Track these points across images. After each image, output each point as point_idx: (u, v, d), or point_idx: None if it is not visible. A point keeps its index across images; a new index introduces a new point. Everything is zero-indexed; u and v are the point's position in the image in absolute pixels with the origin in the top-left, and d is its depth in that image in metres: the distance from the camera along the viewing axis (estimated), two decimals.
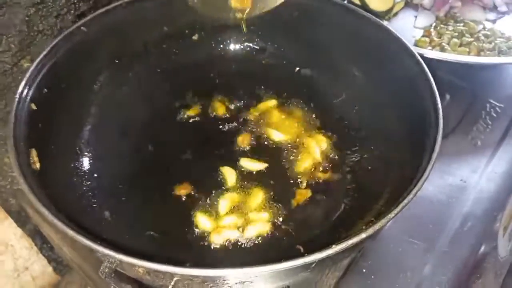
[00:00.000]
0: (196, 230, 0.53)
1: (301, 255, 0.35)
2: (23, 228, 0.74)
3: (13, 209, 0.71)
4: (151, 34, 0.67)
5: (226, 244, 0.52)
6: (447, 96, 0.76)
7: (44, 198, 0.40)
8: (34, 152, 0.47)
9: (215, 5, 0.59)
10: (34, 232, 0.76)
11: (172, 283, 0.36)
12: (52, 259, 0.83)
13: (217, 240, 0.52)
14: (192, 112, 0.66)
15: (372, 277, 0.55)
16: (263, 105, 0.67)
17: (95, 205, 0.54)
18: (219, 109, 0.67)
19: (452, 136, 0.71)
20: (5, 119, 0.62)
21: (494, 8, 0.89)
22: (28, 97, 0.50)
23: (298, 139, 0.63)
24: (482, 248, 0.61)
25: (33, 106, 0.50)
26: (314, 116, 0.65)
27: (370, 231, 0.37)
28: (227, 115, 0.66)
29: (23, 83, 0.50)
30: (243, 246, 0.52)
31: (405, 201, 0.39)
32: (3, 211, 0.70)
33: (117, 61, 0.64)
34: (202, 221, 0.53)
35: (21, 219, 0.73)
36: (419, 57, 0.54)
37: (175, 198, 0.56)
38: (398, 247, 0.57)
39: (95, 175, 0.57)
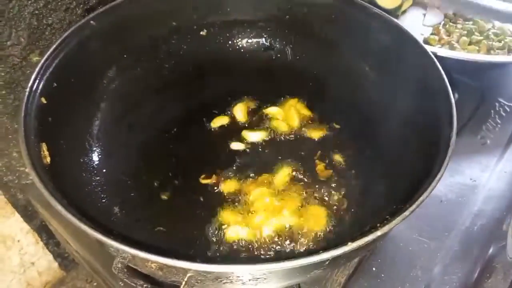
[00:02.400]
0: (206, 226, 0.53)
1: (316, 252, 0.35)
2: (30, 224, 0.74)
3: (20, 204, 0.71)
4: (160, 29, 0.67)
5: (237, 241, 0.52)
6: (456, 95, 0.74)
7: (56, 192, 0.40)
8: (44, 146, 0.47)
9: None
10: (41, 227, 0.76)
11: (186, 279, 0.36)
12: (57, 255, 0.83)
13: (231, 235, 0.52)
14: (201, 108, 0.66)
15: (382, 275, 0.54)
16: (273, 104, 0.67)
17: (104, 200, 0.53)
18: (228, 105, 0.67)
19: (461, 135, 0.70)
20: (14, 113, 0.62)
21: None
22: (38, 91, 0.49)
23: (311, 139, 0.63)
24: (492, 248, 0.61)
25: (43, 100, 0.49)
26: (322, 113, 0.65)
27: (386, 228, 0.37)
28: (237, 113, 0.66)
29: (33, 77, 0.49)
30: (256, 243, 0.52)
31: (420, 199, 0.39)
32: (10, 206, 0.70)
33: (125, 55, 0.64)
34: (227, 216, 0.54)
35: (28, 214, 0.73)
36: (431, 54, 0.54)
37: (184, 193, 0.56)
38: (408, 246, 0.57)
39: (104, 170, 0.56)
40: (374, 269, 0.55)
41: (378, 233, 0.36)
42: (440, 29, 0.84)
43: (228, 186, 0.57)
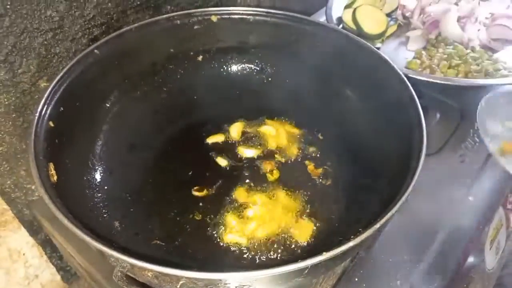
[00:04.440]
0: (200, 236, 0.57)
1: (295, 261, 0.39)
2: (35, 238, 0.77)
3: (27, 219, 0.75)
4: (159, 56, 0.72)
5: (231, 248, 0.56)
6: (437, 115, 0.80)
7: (62, 207, 0.44)
8: (51, 166, 0.51)
9: None
10: (45, 241, 0.79)
11: (178, 286, 0.40)
12: (60, 268, 0.86)
13: (228, 240, 0.57)
14: (197, 128, 0.72)
15: (364, 285, 0.58)
16: (264, 123, 0.73)
17: (105, 215, 0.57)
18: (223, 125, 0.72)
19: (441, 153, 0.74)
20: (22, 135, 0.66)
21: None
22: (47, 115, 0.54)
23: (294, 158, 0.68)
24: (470, 260, 0.64)
25: (51, 124, 0.54)
26: (308, 133, 0.71)
27: (358, 240, 0.41)
28: (232, 131, 0.71)
29: (42, 102, 0.54)
30: (241, 252, 0.56)
31: (389, 214, 0.43)
32: (17, 221, 0.73)
33: (126, 80, 0.69)
34: (231, 221, 0.59)
35: (33, 228, 0.76)
36: (406, 80, 0.58)
37: (181, 208, 0.60)
38: (389, 257, 0.61)
39: (106, 187, 0.60)
40: (356, 279, 0.58)
41: (350, 244, 0.40)
42: (422, 53, 0.89)
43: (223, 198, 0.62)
